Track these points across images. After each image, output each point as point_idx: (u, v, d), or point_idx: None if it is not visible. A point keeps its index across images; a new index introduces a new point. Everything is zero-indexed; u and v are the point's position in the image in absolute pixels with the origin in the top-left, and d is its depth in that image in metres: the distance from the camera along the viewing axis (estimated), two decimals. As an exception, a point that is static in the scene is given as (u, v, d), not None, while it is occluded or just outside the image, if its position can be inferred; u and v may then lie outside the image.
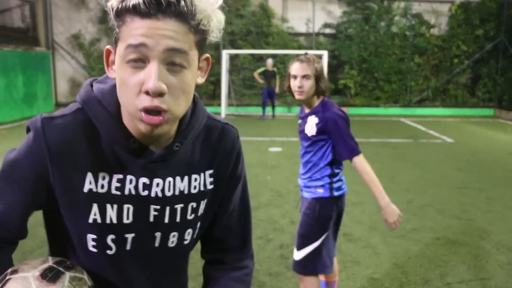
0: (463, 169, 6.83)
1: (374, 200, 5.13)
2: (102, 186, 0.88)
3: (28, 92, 12.41)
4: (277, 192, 5.42)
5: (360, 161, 2.31)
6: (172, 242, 0.97)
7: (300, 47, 14.69)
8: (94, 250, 0.91)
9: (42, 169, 0.85)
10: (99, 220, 0.89)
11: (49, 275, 0.81)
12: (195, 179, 0.95)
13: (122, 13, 0.76)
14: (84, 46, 14.35)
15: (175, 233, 0.96)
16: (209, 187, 0.98)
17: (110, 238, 0.90)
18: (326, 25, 14.78)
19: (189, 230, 0.98)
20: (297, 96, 2.38)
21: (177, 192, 0.93)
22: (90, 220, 0.89)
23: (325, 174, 2.40)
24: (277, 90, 12.65)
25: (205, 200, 0.99)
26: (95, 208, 0.88)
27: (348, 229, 4.23)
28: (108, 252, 0.92)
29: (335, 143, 2.34)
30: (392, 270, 3.44)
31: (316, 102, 2.43)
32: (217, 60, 13.86)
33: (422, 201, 5.16)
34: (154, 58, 0.76)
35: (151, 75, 0.75)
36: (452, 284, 3.22)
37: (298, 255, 2.43)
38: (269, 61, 12.56)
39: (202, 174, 0.97)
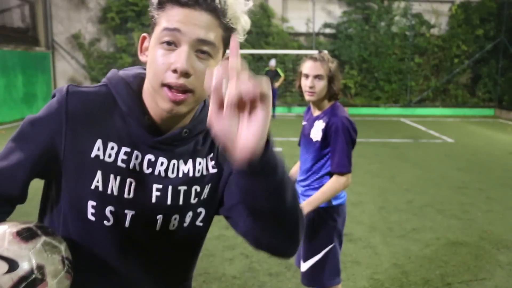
0: (463, 169, 6.83)
1: (374, 200, 5.16)
2: (110, 156, 0.92)
3: (28, 92, 12.41)
4: (277, 192, 5.40)
5: (338, 180, 2.15)
6: (173, 225, 0.98)
7: (300, 47, 14.70)
8: (92, 218, 0.93)
9: (57, 129, 0.91)
10: (100, 188, 0.92)
11: (25, 234, 0.83)
12: (199, 163, 0.99)
13: (164, 2, 0.87)
14: (84, 46, 14.35)
15: (176, 216, 0.97)
16: (212, 170, 1.01)
17: (109, 209, 0.93)
18: (326, 25, 14.78)
19: (190, 213, 0.99)
20: (307, 97, 2.24)
21: (180, 174, 0.97)
22: (93, 187, 0.92)
23: (324, 183, 2.25)
24: (276, 85, 12.61)
25: (209, 184, 1.01)
26: (98, 175, 0.92)
27: (348, 229, 4.22)
28: (106, 223, 0.93)
29: (331, 152, 2.19)
30: (392, 270, 3.43)
31: (327, 105, 2.26)
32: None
33: (422, 201, 5.15)
34: (185, 43, 0.85)
35: (181, 56, 0.84)
36: (452, 284, 3.21)
37: (304, 267, 2.33)
38: (272, 62, 12.59)
39: (205, 158, 1.01)
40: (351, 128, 2.18)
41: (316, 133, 2.23)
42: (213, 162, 1.02)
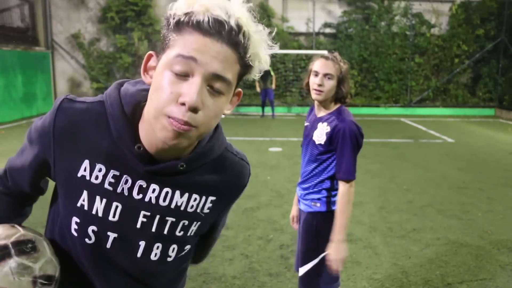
0: (463, 169, 6.82)
1: (374, 200, 5.15)
2: (97, 177, 0.89)
3: (28, 92, 12.40)
4: (277, 192, 5.40)
5: (347, 189, 2.12)
6: (156, 254, 0.94)
7: (300, 47, 14.69)
8: (75, 234, 0.91)
9: (47, 143, 0.92)
10: (86, 207, 0.90)
11: None
12: (195, 199, 0.94)
13: (183, 25, 0.78)
14: (84, 45, 14.33)
15: (159, 245, 0.93)
16: (205, 211, 0.98)
17: (91, 228, 0.90)
18: (326, 25, 14.77)
19: (174, 246, 0.96)
20: (314, 96, 2.16)
21: (172, 205, 0.92)
22: (78, 204, 0.90)
23: (324, 187, 2.21)
24: (273, 86, 12.77)
25: (198, 223, 0.98)
26: (84, 194, 0.90)
27: (348, 229, 4.20)
28: (87, 240, 0.91)
29: (337, 158, 2.13)
30: (393, 270, 3.42)
31: (332, 108, 2.20)
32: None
33: (422, 201, 5.14)
34: (199, 75, 0.77)
35: (192, 89, 0.77)
36: (452, 285, 3.20)
37: (301, 271, 2.30)
38: None
39: (203, 197, 0.96)
40: (358, 134, 2.12)
41: (320, 136, 2.17)
42: (211, 205, 0.98)
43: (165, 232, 0.93)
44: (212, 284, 3.15)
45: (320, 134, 2.17)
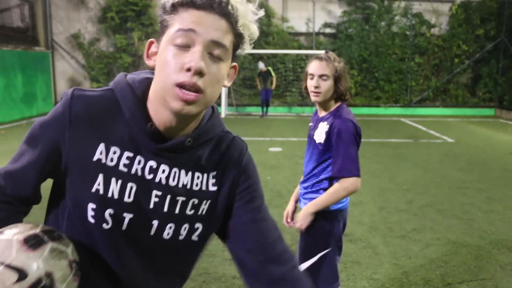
0: (463, 169, 6.82)
1: (374, 200, 5.15)
2: (112, 160, 0.93)
3: (28, 92, 12.40)
4: (277, 192, 5.40)
5: (344, 185, 2.06)
6: (168, 234, 0.98)
7: (300, 47, 14.69)
8: (92, 220, 0.94)
9: (61, 132, 0.93)
10: (101, 191, 0.93)
11: (32, 241, 0.84)
12: (198, 177, 1.00)
13: (178, 5, 0.88)
14: (84, 45, 14.34)
15: (172, 225, 0.98)
16: (211, 188, 1.01)
17: (108, 212, 0.93)
18: (326, 25, 14.77)
19: (186, 225, 1.00)
20: (313, 98, 2.16)
21: (180, 185, 0.97)
22: (93, 190, 0.93)
23: (322, 187, 2.20)
24: (273, 87, 12.94)
25: (208, 201, 1.01)
26: (100, 178, 0.93)
27: (348, 229, 4.20)
28: (104, 226, 0.94)
29: (333, 156, 2.11)
30: (393, 270, 3.42)
31: (333, 107, 2.19)
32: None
33: (422, 201, 5.14)
34: (199, 44, 0.86)
35: (195, 55, 0.85)
36: (452, 285, 3.20)
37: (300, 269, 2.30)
38: (261, 65, 12.92)
39: (205, 175, 1.01)
40: (354, 132, 2.09)
41: (320, 135, 2.17)
42: (214, 180, 1.02)
43: (176, 211, 0.98)
44: (212, 284, 3.15)
45: (320, 133, 2.17)
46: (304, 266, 2.25)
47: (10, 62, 11.56)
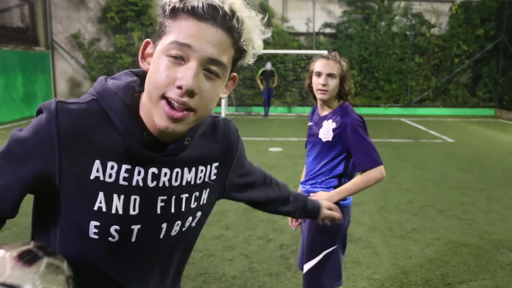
0: (463, 169, 6.82)
1: (374, 200, 5.15)
2: (110, 176, 0.88)
3: (28, 92, 12.40)
4: (277, 192, 5.39)
5: (372, 173, 2.08)
6: (175, 230, 0.98)
7: (300, 47, 14.68)
8: (95, 237, 0.90)
9: (49, 151, 0.84)
10: (104, 209, 0.88)
11: (26, 257, 0.80)
12: (201, 170, 0.99)
13: (178, 11, 0.80)
14: (84, 45, 14.34)
15: (179, 222, 0.98)
16: (212, 178, 1.02)
17: (113, 228, 0.90)
18: (326, 25, 14.77)
19: (190, 218, 1.00)
20: (319, 96, 2.18)
21: (184, 183, 0.96)
22: (95, 208, 0.88)
23: (331, 185, 2.22)
24: (275, 84, 13.07)
25: (208, 190, 1.02)
26: (101, 196, 0.88)
27: (349, 229, 4.20)
28: (110, 239, 0.90)
29: (353, 152, 2.12)
30: (393, 270, 3.42)
31: (336, 105, 2.23)
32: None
33: (422, 201, 5.14)
34: (195, 60, 0.79)
35: (188, 73, 0.79)
36: (452, 285, 3.20)
37: (305, 267, 2.29)
38: (268, 66, 13.02)
39: (208, 166, 1.01)
40: (363, 125, 2.16)
41: (327, 133, 2.18)
42: (216, 171, 1.03)
43: (183, 209, 0.97)
44: (212, 284, 3.15)
45: (327, 131, 2.18)
46: (311, 264, 2.26)
47: (10, 62, 11.56)
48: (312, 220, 2.24)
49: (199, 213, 1.03)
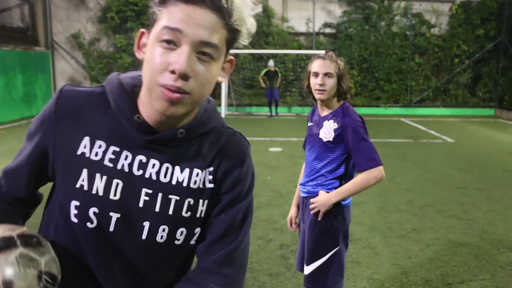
0: (463, 169, 6.82)
1: (374, 200, 5.15)
2: (96, 154, 0.89)
3: (28, 92, 12.40)
4: (277, 192, 5.40)
5: (372, 173, 2.09)
6: (161, 237, 0.91)
7: (300, 46, 14.68)
8: (75, 220, 0.89)
9: (48, 127, 0.91)
10: (85, 187, 0.88)
11: (1, 244, 0.77)
12: (197, 174, 0.93)
13: None
14: (84, 45, 14.33)
15: (165, 227, 0.91)
16: (208, 185, 0.94)
17: (92, 210, 0.88)
18: (326, 25, 14.77)
19: (183, 229, 0.92)
20: (317, 96, 2.19)
21: (174, 181, 0.91)
22: (77, 185, 0.89)
23: (332, 187, 2.22)
24: (277, 85, 13.01)
25: (206, 201, 0.94)
26: (84, 173, 0.89)
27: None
28: (89, 225, 0.88)
29: (353, 153, 2.13)
30: (393, 270, 3.42)
31: (336, 105, 2.23)
32: (217, 60, 13.84)
33: (422, 201, 5.14)
34: (186, 44, 0.80)
35: (181, 57, 0.79)
36: (452, 285, 3.20)
37: (307, 270, 2.28)
38: (271, 62, 12.93)
39: (204, 171, 0.94)
40: (363, 125, 2.18)
41: (328, 133, 2.19)
42: (211, 177, 0.95)
43: (170, 212, 0.91)
44: (212, 284, 3.15)
45: (328, 132, 2.19)
46: (313, 266, 2.25)
47: (10, 62, 11.56)
48: (314, 222, 2.25)
49: (197, 230, 0.94)
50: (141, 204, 0.90)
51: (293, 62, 14.42)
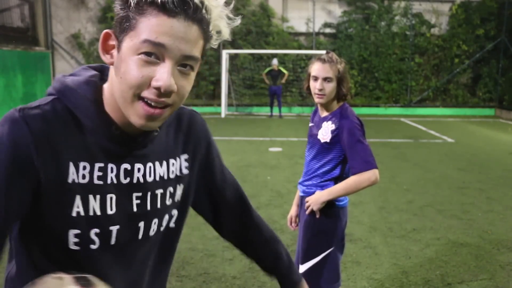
0: (463, 169, 6.82)
1: (374, 200, 5.15)
2: (84, 176, 0.85)
3: (28, 92, 12.40)
4: (277, 192, 5.40)
5: (366, 175, 2.09)
6: (153, 230, 0.96)
7: (300, 47, 14.69)
8: (76, 247, 0.86)
9: (26, 160, 0.79)
10: (82, 213, 0.85)
11: (82, 281, 0.69)
12: (173, 164, 0.97)
13: (144, 4, 0.76)
14: (84, 45, 14.34)
15: (156, 220, 0.96)
16: (185, 171, 1.00)
17: (94, 232, 0.87)
18: (326, 25, 14.77)
19: (166, 216, 0.98)
20: (316, 100, 2.19)
21: (157, 178, 0.94)
22: (74, 214, 0.85)
23: (327, 188, 2.22)
24: (283, 81, 12.86)
25: (182, 186, 1.00)
26: (77, 200, 0.85)
27: (348, 229, 4.18)
28: (92, 246, 0.87)
29: (348, 154, 2.13)
30: (393, 270, 3.42)
31: (335, 107, 2.23)
32: (217, 60, 13.84)
33: (422, 201, 5.14)
34: (170, 60, 0.77)
35: (166, 74, 0.77)
36: (452, 285, 3.20)
37: (301, 269, 2.27)
38: (274, 61, 12.84)
39: (178, 159, 0.99)
40: (361, 128, 2.17)
41: (325, 134, 2.19)
42: (186, 164, 1.01)
43: (158, 205, 0.95)
44: (212, 284, 3.15)
45: (325, 132, 2.19)
46: (307, 266, 2.25)
47: (10, 62, 11.55)
48: (308, 222, 2.25)
49: (175, 212, 1.00)
50: (135, 209, 0.92)
51: (293, 62, 14.42)
